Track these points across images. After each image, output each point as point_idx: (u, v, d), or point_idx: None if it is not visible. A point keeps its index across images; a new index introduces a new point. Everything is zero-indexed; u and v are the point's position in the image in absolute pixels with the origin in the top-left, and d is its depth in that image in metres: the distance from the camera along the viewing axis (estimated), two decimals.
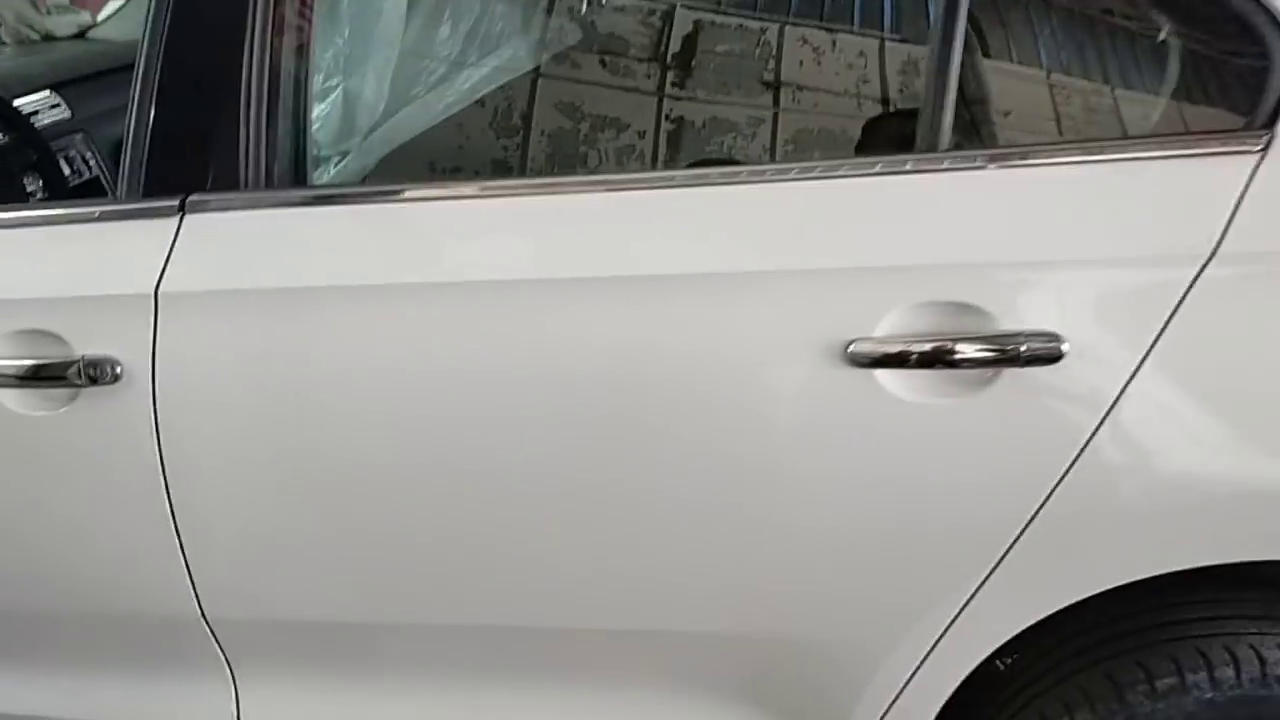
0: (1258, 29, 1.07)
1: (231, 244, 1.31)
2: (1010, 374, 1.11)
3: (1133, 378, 1.08)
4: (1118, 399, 1.09)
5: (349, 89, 1.45)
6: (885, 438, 1.15)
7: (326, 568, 1.37)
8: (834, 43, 1.29)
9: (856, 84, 1.26)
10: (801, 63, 1.33)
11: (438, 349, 1.25)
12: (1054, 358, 1.09)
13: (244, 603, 1.41)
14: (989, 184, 1.13)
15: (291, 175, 1.32)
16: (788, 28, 1.32)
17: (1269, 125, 1.06)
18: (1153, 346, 1.08)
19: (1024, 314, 1.10)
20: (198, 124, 1.30)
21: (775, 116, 1.33)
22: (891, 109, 1.47)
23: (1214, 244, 1.06)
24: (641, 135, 1.42)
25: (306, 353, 1.28)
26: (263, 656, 1.46)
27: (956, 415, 1.13)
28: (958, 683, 1.24)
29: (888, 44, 1.43)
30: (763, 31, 1.39)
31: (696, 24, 1.62)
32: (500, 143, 1.51)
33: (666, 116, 1.38)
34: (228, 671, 1.46)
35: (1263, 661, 1.18)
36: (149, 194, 1.31)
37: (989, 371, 1.11)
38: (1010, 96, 1.19)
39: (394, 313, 1.25)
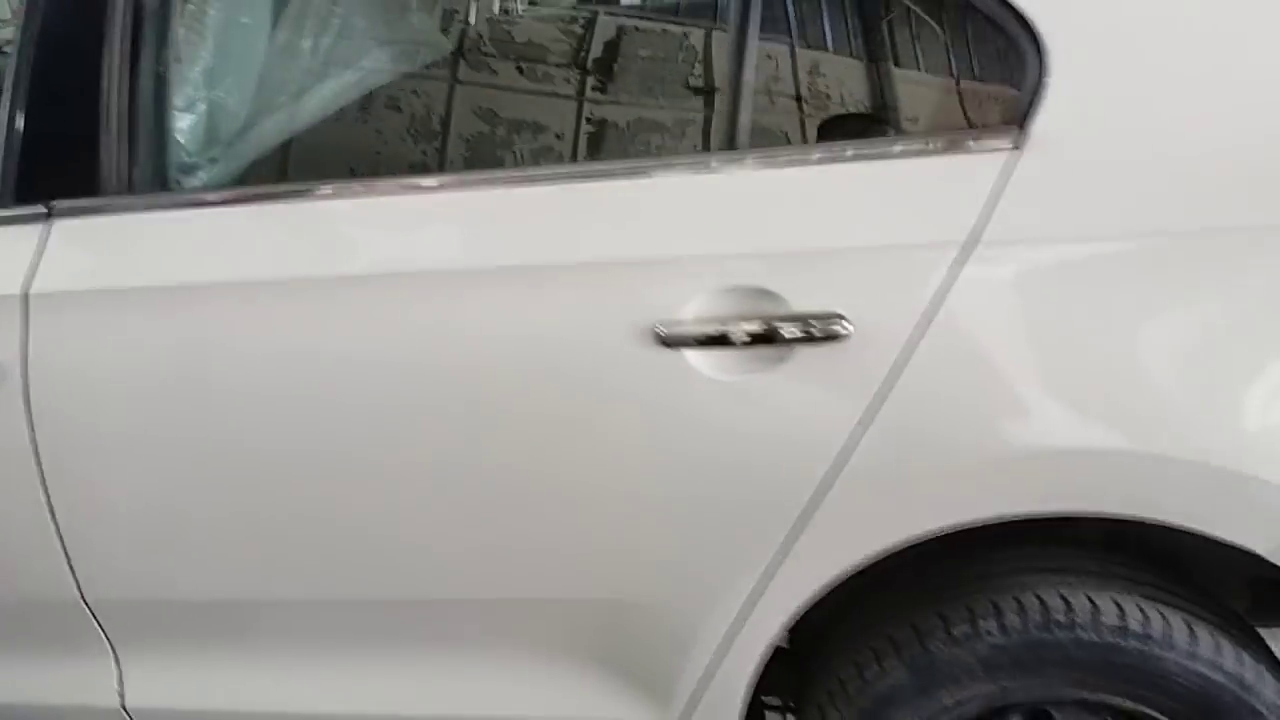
0: (1014, 36, 1.19)
1: (98, 245, 1.40)
2: (802, 351, 1.22)
3: (908, 354, 1.20)
4: (895, 373, 1.21)
5: (216, 99, 1.54)
6: (695, 412, 1.26)
7: (204, 549, 1.46)
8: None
9: (767, 84, 1.35)
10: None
11: (300, 340, 1.34)
12: (839, 336, 1.21)
13: (123, 585, 1.50)
14: (781, 178, 1.24)
15: (153, 180, 1.40)
16: (714, 32, 1.41)
17: (1023, 124, 1.18)
18: (925, 325, 1.19)
19: (812, 297, 1.21)
20: (62, 132, 1.38)
21: (703, 118, 1.41)
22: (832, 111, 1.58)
23: (974, 232, 1.18)
24: (560, 137, 1.49)
25: (178, 345, 1.37)
26: (145, 635, 1.54)
27: (756, 390, 1.24)
28: (774, 636, 1.35)
29: (797, 49, 1.54)
30: (685, 36, 1.48)
31: (619, 29, 1.72)
32: (418, 148, 1.58)
33: (588, 119, 1.46)
34: (111, 651, 1.55)
35: (1046, 608, 1.31)
36: (18, 200, 1.40)
37: (784, 349, 1.22)
38: (795, 102, 1.30)
39: (262, 306, 1.34)
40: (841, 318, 1.20)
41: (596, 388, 1.27)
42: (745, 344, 1.22)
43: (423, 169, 1.42)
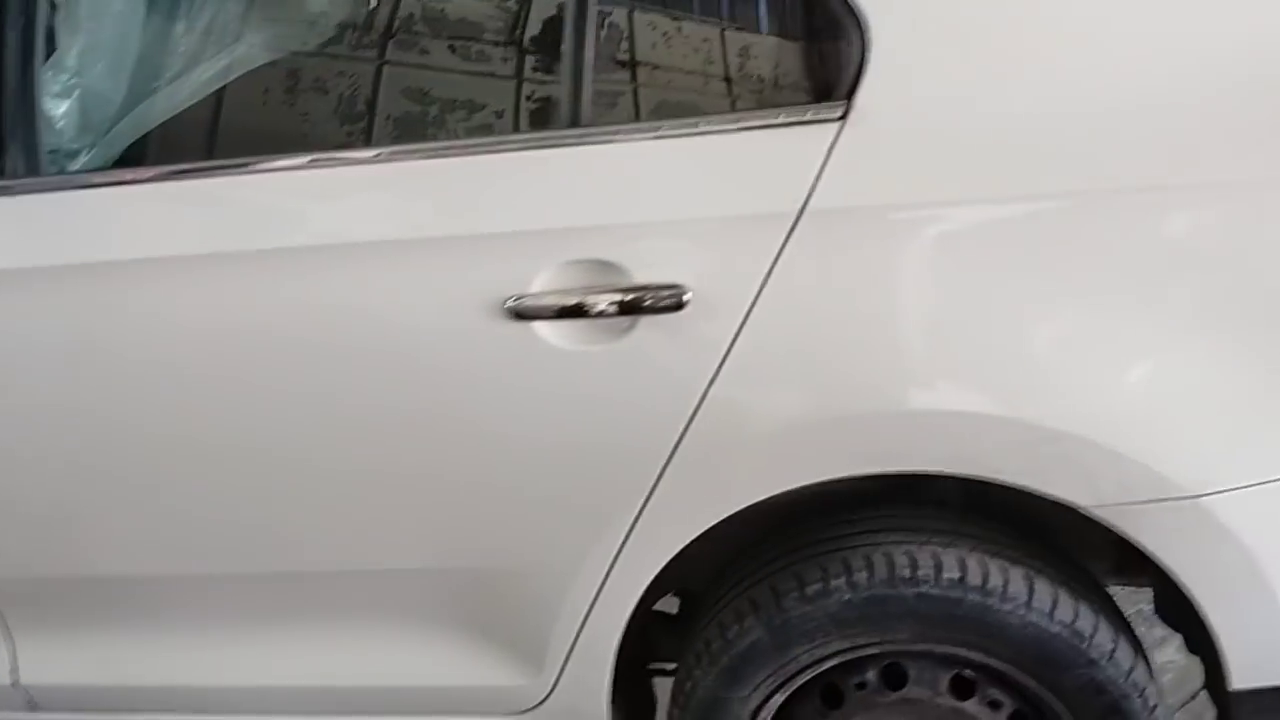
0: (835, 12, 1.23)
1: None
2: (645, 321, 1.27)
3: (746, 320, 1.25)
4: (735, 339, 1.25)
5: (91, 86, 1.56)
6: (547, 382, 1.30)
7: (96, 528, 1.50)
8: (679, 28, 1.41)
9: (702, 64, 1.37)
10: (654, 45, 1.44)
11: (175, 317, 1.38)
12: (679, 305, 1.25)
13: (15, 564, 1.53)
14: (621, 154, 1.28)
15: (23, 165, 1.43)
16: (636, 13, 1.43)
17: (848, 96, 1.23)
18: (760, 292, 1.24)
19: (653, 268, 1.26)
20: None
21: (635, 92, 1.44)
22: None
23: (803, 202, 1.22)
24: (500, 115, 1.50)
25: (70, 325, 1.40)
26: (38, 612, 1.58)
27: (604, 360, 1.28)
28: (637, 599, 1.40)
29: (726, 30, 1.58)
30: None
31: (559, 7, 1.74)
32: (344, 129, 1.59)
33: (528, 98, 1.48)
34: (4, 628, 1.58)
35: (891, 565, 1.36)
36: None
37: (626, 320, 1.27)
38: (636, 78, 1.34)
39: (153, 284, 1.37)
40: (681, 288, 1.25)
41: (453, 361, 1.32)
42: (592, 315, 1.27)
43: (297, 147, 1.44)
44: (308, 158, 1.33)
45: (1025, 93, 1.22)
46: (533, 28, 1.35)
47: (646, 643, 1.65)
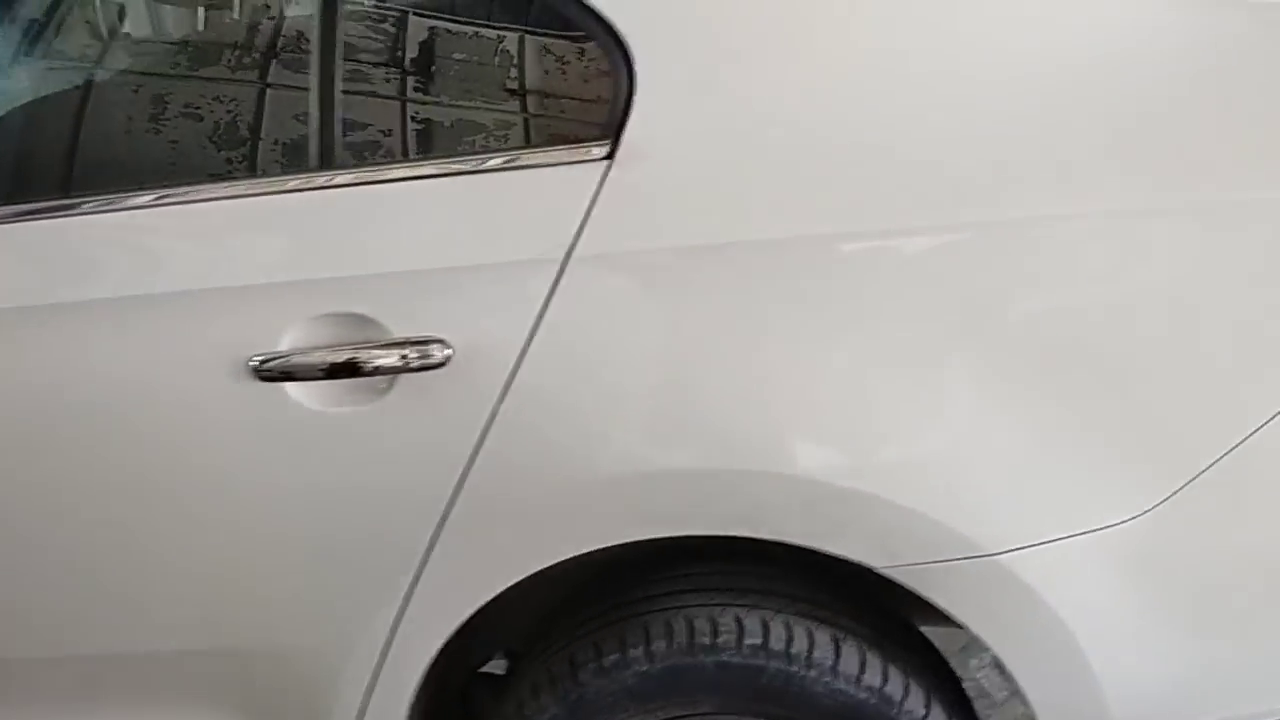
0: (603, 45, 1.14)
1: None
2: (405, 380, 1.16)
3: (513, 376, 1.15)
4: (503, 397, 1.15)
5: None
6: (301, 448, 1.19)
7: None
8: (446, 60, 1.32)
9: (468, 99, 1.27)
10: (416, 76, 1.35)
11: None
12: (441, 363, 1.15)
13: None
14: (373, 199, 1.17)
15: None
16: (390, 42, 1.34)
17: (616, 134, 1.14)
18: (527, 346, 1.14)
19: (412, 322, 1.15)
20: None
21: (389, 130, 1.34)
22: None
23: (569, 247, 1.13)
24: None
25: None
26: None
27: (362, 422, 1.18)
28: (420, 675, 1.29)
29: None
30: (500, 40, 1.41)
31: (432, 31, 1.63)
32: (222, 155, 1.47)
33: (413, 118, 1.37)
34: None
35: (691, 631, 1.26)
36: None
37: (385, 379, 1.16)
38: (389, 115, 1.25)
39: None
40: (442, 343, 1.15)
41: (198, 427, 1.20)
42: (345, 375, 1.16)
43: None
44: (26, 207, 1.20)
45: (802, 126, 1.13)
46: (277, 60, 1.24)
47: (471, 708, 1.56)
